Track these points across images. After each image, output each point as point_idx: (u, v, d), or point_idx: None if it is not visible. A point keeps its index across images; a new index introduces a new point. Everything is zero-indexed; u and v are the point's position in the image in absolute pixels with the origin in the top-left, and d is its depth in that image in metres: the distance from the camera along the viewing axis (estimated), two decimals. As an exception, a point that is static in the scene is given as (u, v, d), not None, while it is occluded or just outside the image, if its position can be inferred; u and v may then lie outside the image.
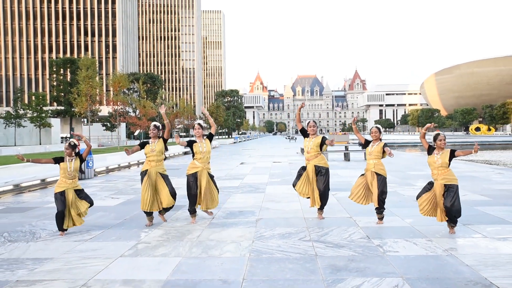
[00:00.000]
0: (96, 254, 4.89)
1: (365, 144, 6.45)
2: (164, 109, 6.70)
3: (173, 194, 6.34)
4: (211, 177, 6.60)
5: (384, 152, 6.13)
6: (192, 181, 6.43)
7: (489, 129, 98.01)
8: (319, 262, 4.46)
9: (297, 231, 5.89)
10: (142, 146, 6.37)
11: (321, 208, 6.61)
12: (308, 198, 6.74)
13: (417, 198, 5.89)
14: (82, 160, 6.04)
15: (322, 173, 6.46)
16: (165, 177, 6.38)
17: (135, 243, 5.37)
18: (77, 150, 6.01)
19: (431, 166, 5.66)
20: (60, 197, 5.78)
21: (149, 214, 6.39)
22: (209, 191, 6.48)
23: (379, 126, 6.46)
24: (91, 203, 6.11)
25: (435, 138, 5.63)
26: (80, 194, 6.00)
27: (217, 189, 6.70)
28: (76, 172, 5.93)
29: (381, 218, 6.21)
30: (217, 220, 6.74)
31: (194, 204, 6.49)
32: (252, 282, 3.91)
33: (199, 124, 6.52)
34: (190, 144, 6.51)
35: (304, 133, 6.71)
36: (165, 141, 6.46)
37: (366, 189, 6.27)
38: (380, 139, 6.32)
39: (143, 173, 6.33)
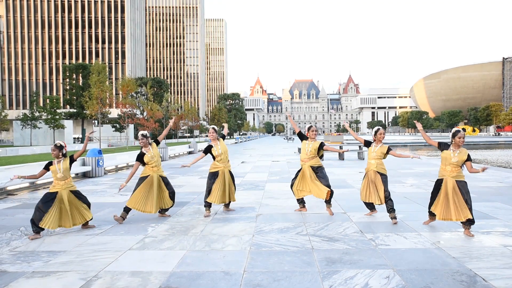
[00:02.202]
0: (106, 247, 4.89)
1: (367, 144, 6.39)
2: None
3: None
4: (231, 175, 6.70)
5: (387, 153, 6.16)
6: (211, 179, 6.51)
7: (473, 130, 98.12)
8: (315, 255, 4.45)
9: (294, 225, 5.88)
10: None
11: (329, 202, 6.48)
12: (300, 199, 6.75)
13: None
14: (72, 161, 5.67)
15: (321, 171, 6.47)
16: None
17: (143, 237, 5.36)
18: (64, 151, 5.66)
19: (445, 161, 5.28)
20: (50, 195, 5.51)
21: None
22: (229, 187, 6.63)
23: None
24: (87, 203, 5.85)
25: (454, 135, 5.25)
26: (78, 195, 5.74)
27: (234, 187, 6.84)
28: (66, 173, 5.60)
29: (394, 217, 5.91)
30: (219, 215, 6.73)
31: (208, 197, 6.49)
32: (253, 274, 3.90)
33: (213, 128, 6.56)
34: (207, 151, 6.53)
35: (302, 136, 6.69)
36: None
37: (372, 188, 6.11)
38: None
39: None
